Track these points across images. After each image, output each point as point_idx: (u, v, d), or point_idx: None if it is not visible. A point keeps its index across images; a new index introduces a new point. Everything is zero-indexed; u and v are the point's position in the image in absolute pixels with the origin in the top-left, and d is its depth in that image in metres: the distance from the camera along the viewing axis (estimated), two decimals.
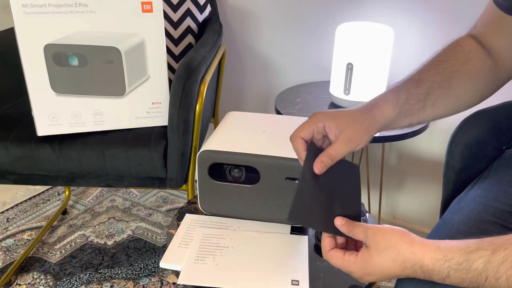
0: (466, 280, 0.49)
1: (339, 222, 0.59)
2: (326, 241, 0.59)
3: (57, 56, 1.05)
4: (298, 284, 0.67)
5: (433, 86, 0.68)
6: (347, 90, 1.23)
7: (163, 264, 0.73)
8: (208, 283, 0.67)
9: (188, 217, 0.85)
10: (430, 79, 0.68)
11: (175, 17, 1.43)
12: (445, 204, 0.86)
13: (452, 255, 0.49)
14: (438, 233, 0.70)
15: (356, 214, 0.61)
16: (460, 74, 0.69)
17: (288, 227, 0.81)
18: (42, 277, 1.38)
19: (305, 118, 0.91)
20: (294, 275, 0.69)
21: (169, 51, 1.44)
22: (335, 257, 0.58)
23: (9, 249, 1.49)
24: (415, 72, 0.70)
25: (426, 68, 0.70)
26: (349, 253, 0.57)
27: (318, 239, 0.79)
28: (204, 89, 1.15)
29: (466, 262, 0.48)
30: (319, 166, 0.61)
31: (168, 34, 1.43)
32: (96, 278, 1.37)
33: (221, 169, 0.83)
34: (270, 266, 0.71)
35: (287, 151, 0.74)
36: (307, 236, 0.75)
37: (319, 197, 0.60)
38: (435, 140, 1.40)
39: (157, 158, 1.11)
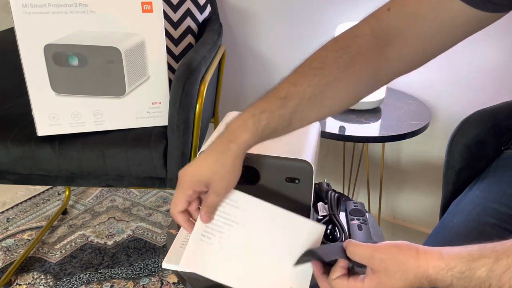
0: None
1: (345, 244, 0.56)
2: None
3: (57, 56, 1.05)
4: None
5: (302, 103, 0.60)
6: None
7: (165, 265, 0.73)
8: (209, 274, 0.63)
9: None
10: (299, 95, 0.60)
11: (175, 17, 1.43)
12: (445, 204, 0.86)
13: (455, 264, 0.49)
14: (437, 235, 0.70)
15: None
16: (336, 84, 0.61)
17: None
18: (42, 277, 1.38)
19: None
20: (293, 283, 0.64)
21: (169, 51, 1.44)
22: (342, 281, 0.55)
23: (9, 249, 1.49)
24: (284, 82, 0.62)
25: (298, 78, 0.61)
26: (353, 278, 0.55)
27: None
28: (204, 89, 1.15)
29: (469, 270, 0.48)
30: (205, 217, 0.63)
31: (168, 34, 1.43)
32: (96, 278, 1.37)
33: None
34: (275, 262, 0.65)
35: (287, 151, 0.74)
36: (324, 227, 0.67)
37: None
38: (435, 140, 1.40)
39: (157, 158, 1.11)
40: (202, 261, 0.64)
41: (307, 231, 0.65)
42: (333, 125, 1.18)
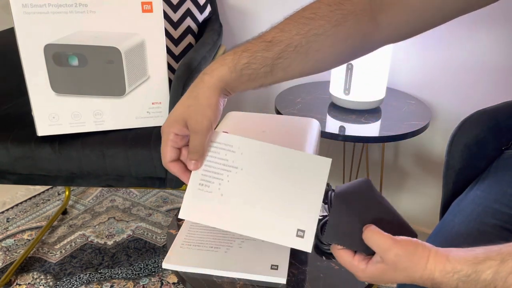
0: None
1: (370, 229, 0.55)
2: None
3: (57, 56, 1.05)
4: (302, 237, 0.60)
5: (287, 50, 0.58)
6: (347, 90, 1.23)
7: (165, 265, 0.73)
8: (210, 222, 0.61)
9: None
10: (286, 41, 0.58)
11: (175, 17, 1.43)
12: (445, 204, 0.86)
13: (461, 267, 0.48)
14: (438, 235, 0.70)
15: (405, 230, 0.57)
16: (324, 38, 0.59)
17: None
18: (42, 277, 1.38)
19: (305, 118, 0.91)
20: (300, 223, 0.61)
21: (169, 51, 1.44)
22: (343, 258, 0.56)
23: (9, 249, 1.49)
24: (273, 27, 0.61)
25: (288, 24, 0.60)
26: (358, 257, 0.55)
27: (319, 239, 0.79)
28: None
29: (475, 273, 0.48)
30: (191, 164, 0.59)
31: (168, 34, 1.43)
32: (96, 278, 1.37)
33: None
34: (280, 204, 0.61)
35: None
36: (330, 160, 0.64)
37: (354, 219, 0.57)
38: (435, 140, 1.40)
39: (157, 158, 1.11)
40: (202, 210, 0.61)
41: (313, 165, 0.62)
42: (333, 125, 1.18)
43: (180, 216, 0.60)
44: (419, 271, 0.50)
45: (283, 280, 0.72)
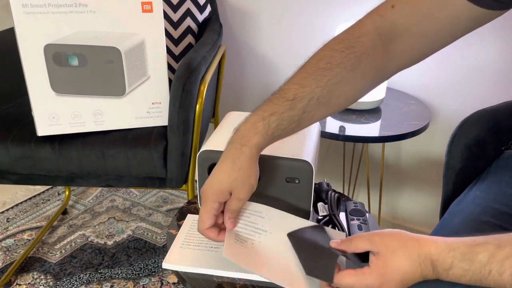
0: (469, 273, 0.48)
1: (335, 243, 0.59)
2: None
3: (57, 56, 1.05)
4: None
5: (310, 104, 0.61)
6: None
7: (165, 265, 0.73)
8: (247, 265, 0.64)
9: (189, 217, 0.85)
10: (307, 96, 0.61)
11: (175, 17, 1.43)
12: (445, 204, 0.86)
13: (457, 245, 0.49)
14: (437, 235, 0.70)
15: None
16: (343, 84, 0.62)
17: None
18: (42, 277, 1.38)
19: None
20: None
21: (169, 51, 1.44)
22: (347, 276, 0.55)
23: (9, 249, 1.49)
24: (291, 84, 0.62)
25: (305, 79, 0.62)
26: (359, 270, 0.55)
27: None
28: (204, 89, 1.15)
29: (471, 253, 0.48)
30: (230, 224, 0.65)
31: (168, 34, 1.43)
32: (96, 278, 1.37)
33: None
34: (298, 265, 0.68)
35: (287, 151, 0.74)
36: (344, 234, 0.74)
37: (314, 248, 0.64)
38: (435, 140, 1.40)
39: (157, 158, 1.11)
40: (241, 255, 0.65)
41: (332, 234, 0.71)
42: (333, 125, 1.18)
43: (224, 255, 0.64)
44: (413, 248, 0.51)
45: None
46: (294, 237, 0.68)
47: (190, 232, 0.81)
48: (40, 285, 1.34)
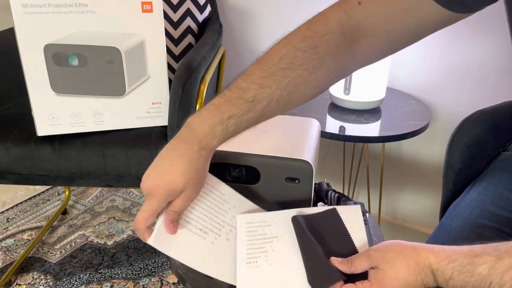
0: (469, 284, 0.48)
1: (336, 261, 0.57)
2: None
3: (57, 56, 1.05)
4: None
5: (270, 105, 0.60)
6: (347, 90, 1.23)
7: (152, 243, 0.64)
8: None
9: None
10: (267, 98, 0.59)
11: (175, 17, 1.43)
12: (445, 205, 0.86)
13: (456, 257, 0.49)
14: (436, 239, 0.70)
15: (353, 253, 0.60)
16: (305, 85, 0.60)
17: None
18: (42, 277, 1.38)
19: (305, 118, 0.91)
20: None
21: (169, 51, 1.44)
22: None
23: (9, 249, 1.49)
24: (250, 83, 0.60)
25: (266, 78, 0.60)
26: (359, 282, 0.54)
27: None
28: (204, 89, 1.15)
29: (471, 265, 0.48)
30: (170, 226, 0.61)
31: (168, 34, 1.43)
32: (96, 278, 1.37)
33: (221, 169, 0.83)
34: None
35: (287, 151, 0.74)
36: (360, 206, 0.69)
37: (320, 256, 0.60)
38: (435, 140, 1.40)
39: None
40: (257, 284, 0.63)
41: (345, 216, 0.67)
42: (333, 125, 1.18)
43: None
44: (411, 257, 0.51)
45: None
46: (298, 223, 0.64)
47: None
48: (40, 285, 1.34)
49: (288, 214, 0.68)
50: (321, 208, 0.67)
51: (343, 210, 0.67)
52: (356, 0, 0.59)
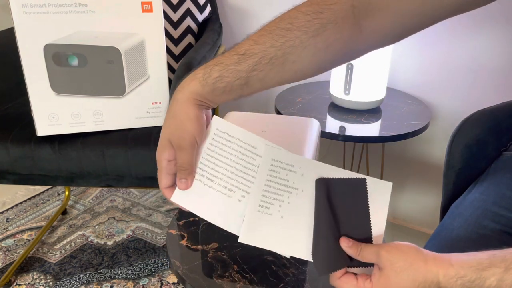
0: None
1: (346, 243, 0.55)
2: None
3: (57, 56, 1.04)
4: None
5: (261, 62, 0.56)
6: (347, 90, 1.23)
7: (174, 198, 0.63)
8: (272, 246, 0.59)
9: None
10: (259, 54, 0.56)
11: (175, 17, 1.43)
12: (445, 205, 0.86)
13: (464, 272, 0.48)
14: (438, 239, 0.70)
15: (366, 237, 0.57)
16: (302, 49, 0.57)
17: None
18: (42, 277, 1.37)
19: (305, 118, 0.91)
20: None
21: (169, 51, 1.43)
22: (348, 285, 0.54)
23: (9, 249, 1.49)
24: (247, 39, 0.58)
25: (262, 36, 0.57)
26: (361, 278, 0.54)
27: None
28: None
29: (479, 279, 0.47)
30: (180, 184, 0.60)
31: (168, 34, 1.43)
32: (96, 278, 1.37)
33: None
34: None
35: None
36: (391, 184, 0.61)
37: (333, 230, 0.57)
38: (435, 140, 1.40)
39: None
40: (263, 234, 0.59)
41: (373, 189, 0.60)
42: (333, 125, 1.18)
43: (240, 241, 0.59)
44: (420, 272, 0.49)
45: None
46: (321, 188, 0.59)
47: (205, 158, 0.63)
48: (40, 285, 1.34)
49: (317, 166, 0.61)
50: (352, 173, 0.60)
51: (372, 183, 0.60)
52: None
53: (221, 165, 0.61)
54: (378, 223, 0.58)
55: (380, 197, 0.59)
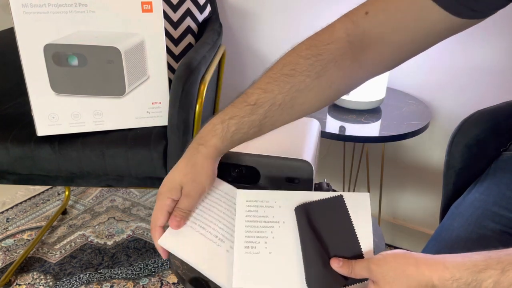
0: None
1: (336, 264, 0.56)
2: None
3: (57, 56, 1.04)
4: None
5: (271, 109, 0.61)
6: None
7: (162, 242, 0.64)
8: (267, 285, 0.59)
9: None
10: (269, 101, 0.60)
11: (175, 17, 1.43)
12: (445, 205, 0.86)
13: (460, 275, 0.48)
14: (438, 240, 0.70)
15: (356, 253, 0.57)
16: (307, 91, 0.61)
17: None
18: (42, 277, 1.37)
19: (305, 118, 0.91)
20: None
21: (169, 51, 1.43)
22: None
23: (9, 249, 1.49)
24: (254, 88, 0.62)
25: (269, 84, 0.61)
26: None
27: None
28: (204, 89, 1.15)
29: (475, 281, 0.47)
30: (172, 220, 0.61)
31: (168, 34, 1.43)
32: (96, 278, 1.37)
33: (220, 169, 0.83)
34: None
35: (287, 151, 0.74)
36: (368, 194, 0.64)
37: (321, 254, 0.57)
38: (435, 140, 1.40)
39: (157, 158, 1.11)
40: (255, 274, 0.59)
41: (351, 204, 0.61)
42: (333, 125, 1.18)
43: (234, 286, 0.59)
44: (413, 277, 0.49)
45: None
46: (301, 215, 0.60)
47: (200, 209, 0.67)
48: (40, 285, 1.34)
49: (291, 196, 0.63)
50: (327, 193, 0.62)
51: (350, 197, 0.61)
52: (364, 10, 0.59)
53: (214, 216, 0.65)
54: (365, 237, 0.58)
55: (361, 210, 0.60)
